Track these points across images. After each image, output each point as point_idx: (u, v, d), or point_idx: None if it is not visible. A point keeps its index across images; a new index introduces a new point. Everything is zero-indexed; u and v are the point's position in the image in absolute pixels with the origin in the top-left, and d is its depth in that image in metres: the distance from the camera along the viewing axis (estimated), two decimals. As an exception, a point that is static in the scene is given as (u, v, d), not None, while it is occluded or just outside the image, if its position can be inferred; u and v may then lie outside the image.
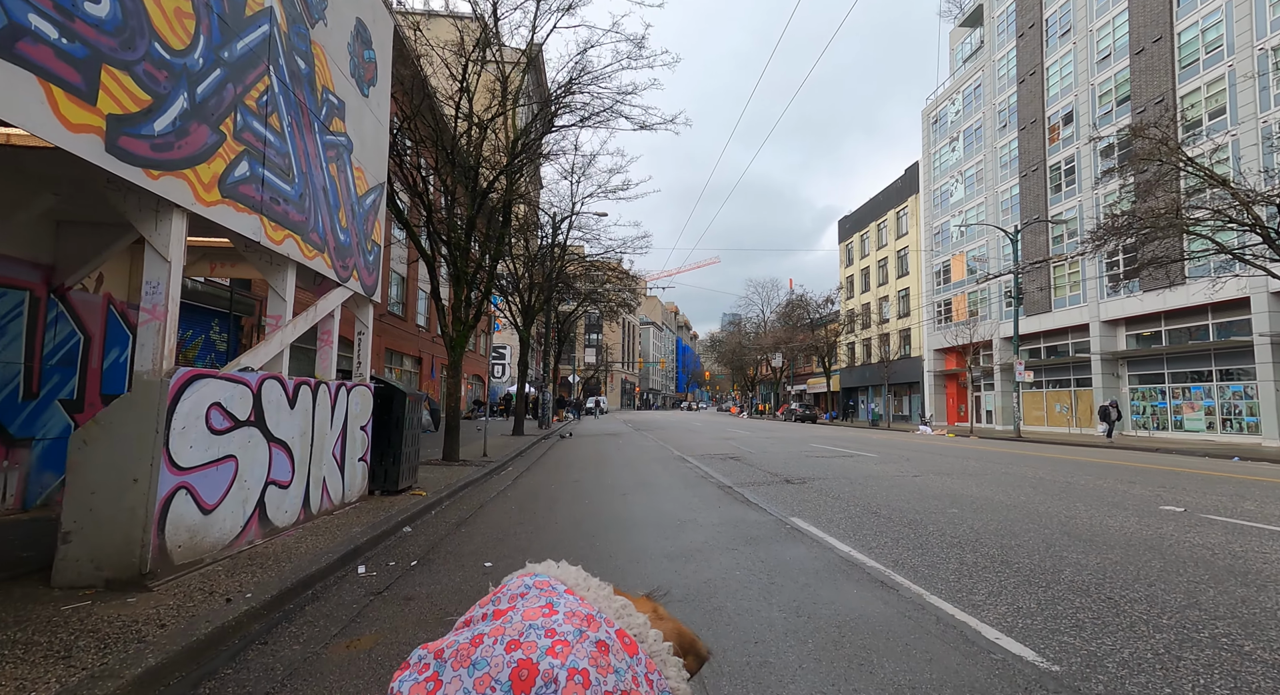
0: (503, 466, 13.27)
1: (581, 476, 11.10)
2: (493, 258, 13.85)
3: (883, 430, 35.53)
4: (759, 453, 15.30)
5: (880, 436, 27.26)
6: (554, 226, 25.40)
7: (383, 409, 8.50)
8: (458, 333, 13.37)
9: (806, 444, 18.69)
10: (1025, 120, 35.08)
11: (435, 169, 12.35)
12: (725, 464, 12.66)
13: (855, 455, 14.52)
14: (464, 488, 9.99)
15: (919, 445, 19.87)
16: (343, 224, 7.09)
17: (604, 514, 7.46)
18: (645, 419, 50.28)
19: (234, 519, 5.14)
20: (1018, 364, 28.56)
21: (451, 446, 13.01)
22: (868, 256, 52.10)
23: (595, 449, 17.94)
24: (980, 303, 38.37)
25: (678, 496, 8.58)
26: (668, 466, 12.47)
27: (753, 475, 10.68)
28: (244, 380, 5.23)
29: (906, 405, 47.12)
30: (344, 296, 7.32)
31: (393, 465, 8.48)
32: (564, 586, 0.64)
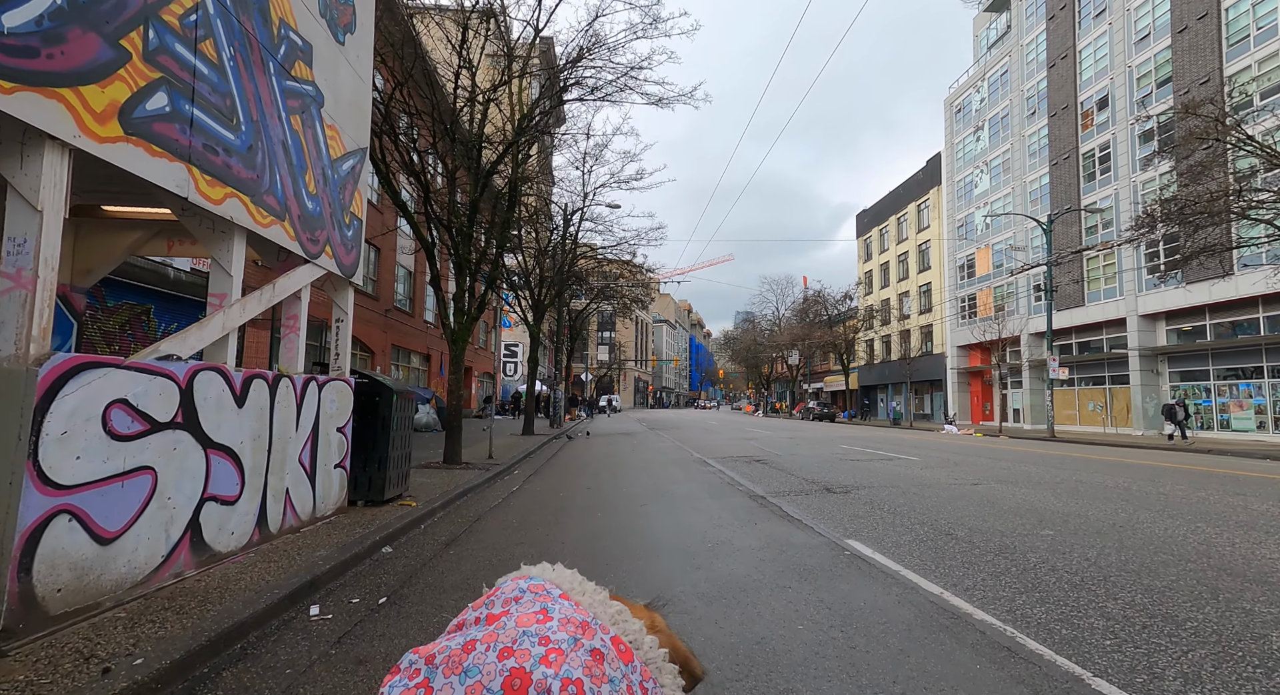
0: (509, 470, 12.15)
1: (593, 482, 9.93)
2: (498, 244, 12.71)
3: (905, 429, 34.04)
4: (785, 455, 14.04)
5: (907, 436, 25.85)
6: (565, 219, 24.26)
7: (367, 408, 7.38)
8: (459, 325, 12.26)
9: (834, 445, 17.38)
10: (1056, 106, 33.38)
11: (433, 145, 11.23)
12: (751, 468, 11.43)
13: (893, 458, 13.20)
14: (462, 495, 8.87)
15: (956, 446, 18.49)
16: (310, 189, 5.97)
17: (619, 531, 6.28)
18: (659, 417, 49.07)
19: (151, 547, 4.02)
20: (1051, 360, 27.01)
21: (453, 448, 11.90)
22: (887, 251, 50.46)
23: (609, 450, 16.78)
24: (1007, 297, 36.72)
25: (704, 508, 7.37)
26: (688, 471, 11.27)
27: (785, 482, 9.45)
28: (166, 371, 4.11)
29: (928, 404, 45.50)
30: (313, 275, 6.20)
31: (378, 472, 7.36)
32: (559, 591, 0.61)
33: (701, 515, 6.96)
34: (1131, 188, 29.00)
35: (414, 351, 26.51)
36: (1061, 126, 33.01)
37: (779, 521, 6.51)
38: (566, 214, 24.12)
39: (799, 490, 8.56)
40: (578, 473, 11.34)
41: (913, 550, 5.22)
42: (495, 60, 12.21)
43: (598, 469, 11.94)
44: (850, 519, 6.59)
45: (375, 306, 22.23)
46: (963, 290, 40.86)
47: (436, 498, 8.20)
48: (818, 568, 4.70)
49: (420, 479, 9.82)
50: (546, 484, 9.97)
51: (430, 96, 10.64)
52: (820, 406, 47.05)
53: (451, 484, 9.48)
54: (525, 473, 11.64)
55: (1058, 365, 27.06)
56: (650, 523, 6.64)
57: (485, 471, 11.22)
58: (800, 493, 8.32)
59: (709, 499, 7.98)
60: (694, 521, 6.62)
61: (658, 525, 6.50)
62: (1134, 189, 28.92)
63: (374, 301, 22.14)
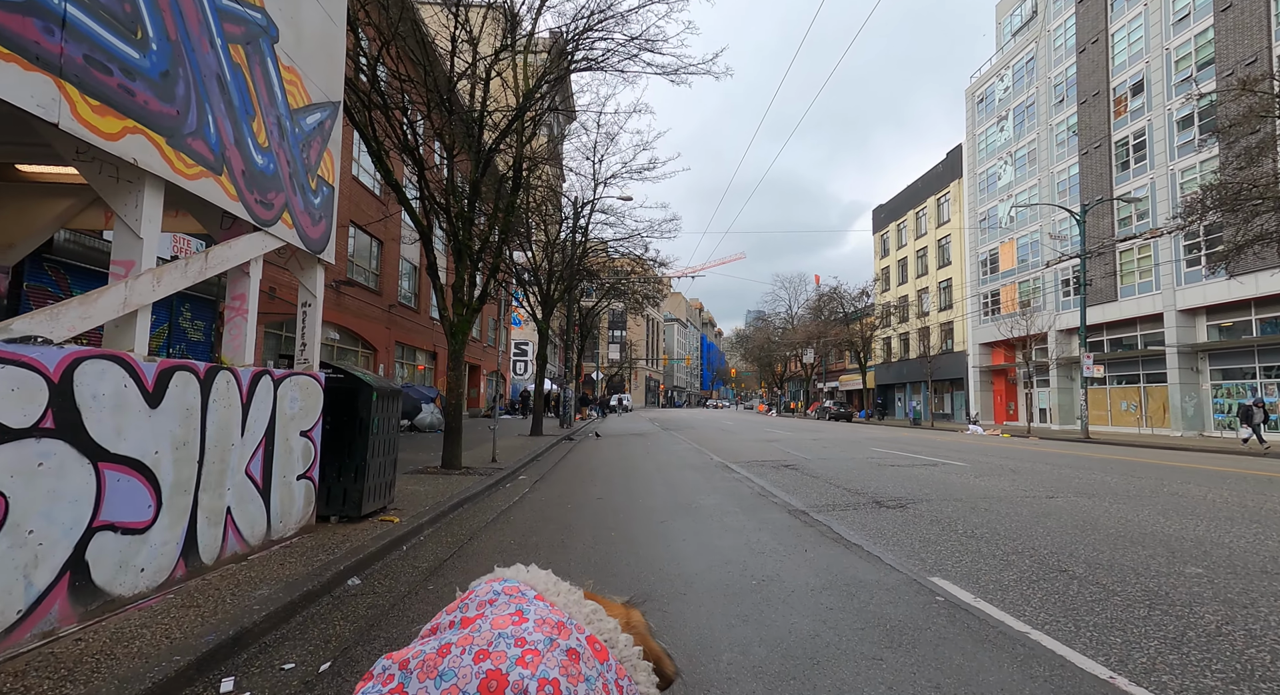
0: (513, 475, 11.01)
1: (605, 491, 8.76)
2: (502, 230, 11.57)
3: (927, 430, 32.59)
4: (815, 459, 12.78)
5: (933, 437, 24.47)
6: (576, 211, 23.11)
7: (342, 408, 6.26)
8: (459, 317, 11.14)
9: (864, 448, 16.08)
10: (1086, 93, 31.80)
11: (427, 115, 10.10)
12: (781, 475, 10.20)
13: (938, 463, 11.88)
14: (457, 507, 7.73)
15: (995, 449, 17.14)
16: (260, 140, 4.83)
17: (637, 560, 5.09)
18: (672, 417, 47.84)
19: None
20: (1085, 357, 25.50)
21: (452, 451, 10.78)
22: (905, 246, 48.90)
23: (621, 452, 15.61)
24: (1034, 292, 35.15)
25: (738, 527, 6.17)
26: (710, 478, 10.06)
27: (825, 493, 8.21)
28: (22, 358, 2.98)
29: (948, 403, 43.94)
30: (265, 246, 5.06)
31: (355, 483, 6.23)
32: (534, 592, 0.61)
33: (736, 537, 5.75)
34: (1169, 176, 27.41)
35: (420, 349, 25.49)
36: (1092, 114, 31.42)
37: (834, 548, 5.29)
38: (577, 207, 22.98)
39: (845, 504, 7.32)
40: (588, 479, 10.18)
41: (1026, 595, 3.97)
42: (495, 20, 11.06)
43: (610, 474, 10.77)
44: (922, 545, 5.35)
45: (378, 302, 21.21)
46: (985, 286, 39.31)
47: (426, 511, 7.06)
48: (907, 623, 3.48)
49: (412, 487, 8.69)
50: (553, 492, 8.81)
51: (423, 61, 9.51)
52: (836, 406, 45.61)
53: (447, 493, 8.35)
54: (530, 479, 10.50)
55: (1092, 363, 25.55)
56: (675, 547, 5.45)
57: (486, 477, 10.08)
58: (848, 507, 7.08)
59: (741, 515, 6.77)
60: (728, 546, 5.42)
61: (684, 551, 5.31)
62: (1172, 178, 27.33)
63: (376, 296, 21.13)
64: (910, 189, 48.29)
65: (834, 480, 9.42)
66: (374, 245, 21.25)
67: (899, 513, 6.70)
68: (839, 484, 9.00)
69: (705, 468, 11.43)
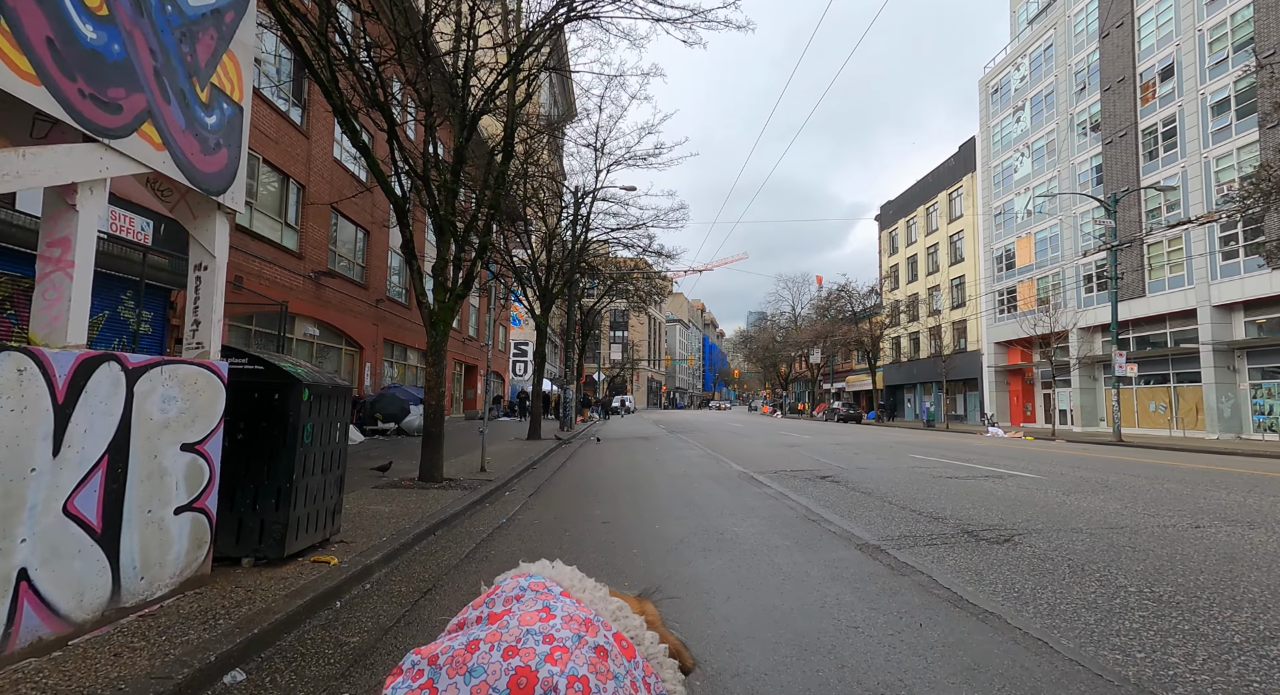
0: (502, 489, 9.30)
1: (611, 512, 7.03)
2: (490, 205, 9.85)
3: (942, 432, 30.85)
4: (852, 469, 11.00)
5: (958, 441, 22.73)
6: (576, 201, 21.39)
7: (261, 411, 4.55)
8: (440, 304, 9.44)
9: (900, 454, 14.27)
10: (1110, 79, 30.09)
11: (396, 55, 8.38)
12: (823, 490, 8.44)
13: (1002, 474, 10.01)
14: (425, 536, 6.02)
15: (1042, 454, 15.39)
16: (94, 6, 3.13)
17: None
18: (677, 419, 46.08)
19: None
20: (1117, 356, 23.76)
21: (432, 461, 9.06)
22: (915, 243, 47.17)
23: (627, 459, 13.88)
24: (1054, 289, 33.41)
25: (798, 575, 4.42)
26: (737, 493, 8.32)
27: (892, 517, 6.39)
28: None
29: (960, 404, 42.17)
30: (104, 169, 3.33)
31: (276, 512, 4.51)
32: (559, 588, 0.60)
33: (801, 592, 4.02)
34: (1203, 164, 25.68)
35: (410, 347, 23.78)
36: (1117, 101, 29.71)
37: (958, 617, 3.53)
38: (578, 197, 21.26)
39: (927, 535, 5.54)
40: (590, 495, 8.45)
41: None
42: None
43: (616, 488, 9.04)
44: (1086, 609, 3.60)
45: (364, 296, 19.52)
46: (1001, 283, 37.58)
47: (383, 543, 5.35)
48: None
49: (374, 508, 6.97)
50: (547, 513, 7.09)
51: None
52: (844, 407, 43.85)
53: (416, 515, 6.63)
54: (522, 494, 8.77)
55: (1125, 361, 23.80)
56: (716, 609, 3.73)
57: (470, 492, 8.37)
58: (934, 541, 5.30)
59: (796, 551, 5.03)
60: (796, 610, 3.69)
61: (731, 618, 3.58)
62: (1206, 166, 25.61)
63: (363, 290, 19.44)
64: (920, 184, 46.58)
65: (891, 498, 7.66)
66: (360, 235, 19.57)
67: (1010, 551, 4.94)
68: (900, 503, 7.24)
69: (727, 479, 9.69)
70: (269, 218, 14.57)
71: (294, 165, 15.19)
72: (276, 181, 14.85)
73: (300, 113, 15.88)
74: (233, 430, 4.48)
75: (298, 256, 15.57)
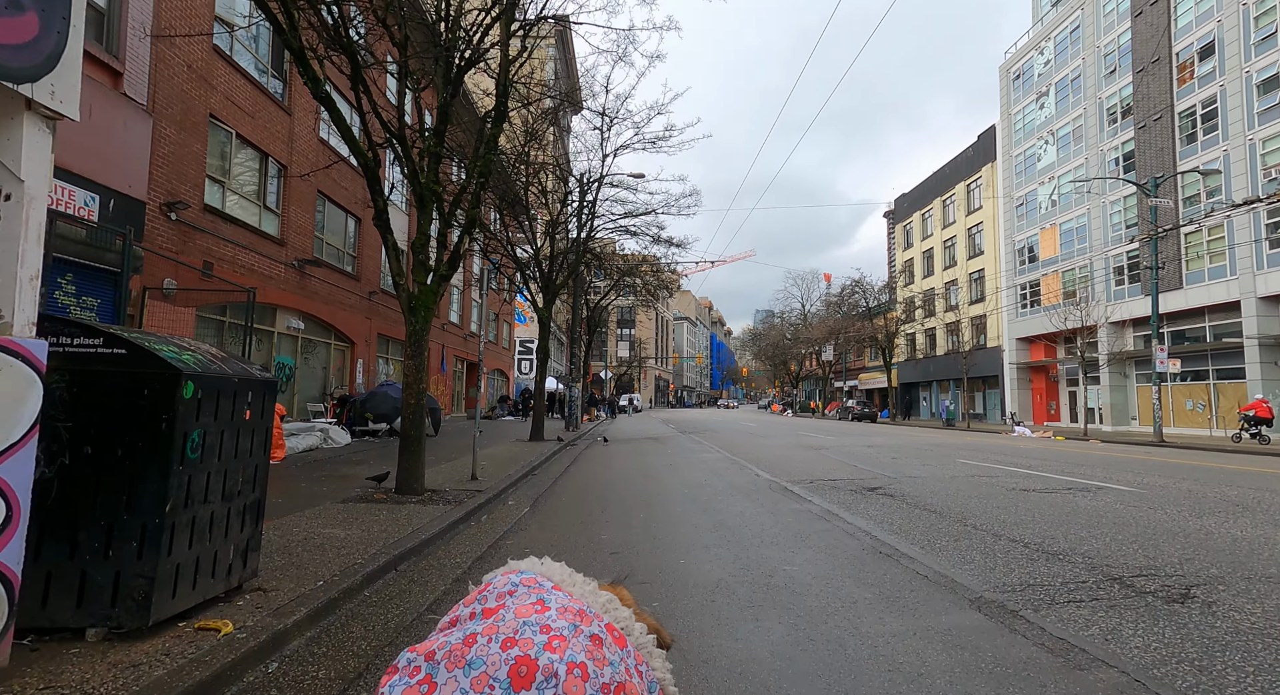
0: (494, 501, 7.90)
1: (621, 538, 5.61)
2: (481, 172, 8.41)
3: (963, 431, 29.24)
4: (900, 477, 9.44)
5: (989, 442, 21.16)
6: (582, 189, 19.92)
7: (116, 415, 3.14)
8: (420, 287, 8.05)
9: (947, 459, 12.67)
10: (1143, 60, 28.34)
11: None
12: (880, 507, 6.92)
13: (1089, 487, 8.25)
14: (382, 574, 4.63)
15: (1096, 458, 13.85)
16: None
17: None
18: (686, 418, 44.60)
19: None
20: (1158, 351, 22.12)
21: (410, 469, 7.67)
22: (931, 237, 45.45)
23: (638, 464, 12.45)
24: (1080, 281, 31.68)
25: (914, 669, 2.92)
26: (776, 512, 6.84)
27: (998, 553, 4.74)
28: None
29: (979, 402, 40.45)
30: None
31: (140, 560, 3.11)
32: (550, 583, 0.60)
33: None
34: (1247, 147, 23.94)
35: (408, 343, 22.42)
36: (1151, 83, 27.96)
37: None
38: (584, 184, 19.79)
39: (1060, 583, 3.92)
40: (595, 512, 7.02)
41: None
42: None
43: (626, 502, 7.61)
44: None
45: (356, 288, 18.18)
46: (1023, 276, 35.87)
47: (318, 590, 3.94)
48: None
49: (327, 532, 5.58)
50: (543, 537, 5.66)
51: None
52: (859, 406, 42.24)
53: (379, 541, 5.23)
54: (516, 509, 7.36)
55: (1167, 357, 22.15)
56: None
57: (454, 507, 6.97)
58: (1080, 596, 3.65)
59: (887, 611, 3.50)
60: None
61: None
62: (1251, 148, 23.88)
63: (354, 282, 18.10)
64: (937, 175, 44.84)
65: (972, 519, 6.11)
66: (351, 223, 18.21)
67: (1206, 618, 3.32)
68: (990, 529, 5.65)
69: (757, 491, 8.23)
70: (244, 199, 13.22)
71: (274, 144, 13.83)
72: (253, 160, 13.50)
73: (282, 88, 14.53)
74: (77, 442, 3.08)
75: (279, 243, 14.21)
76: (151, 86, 10.43)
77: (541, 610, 0.55)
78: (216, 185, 12.27)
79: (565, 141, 25.50)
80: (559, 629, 0.53)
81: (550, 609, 0.56)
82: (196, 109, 11.44)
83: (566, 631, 0.53)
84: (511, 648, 0.51)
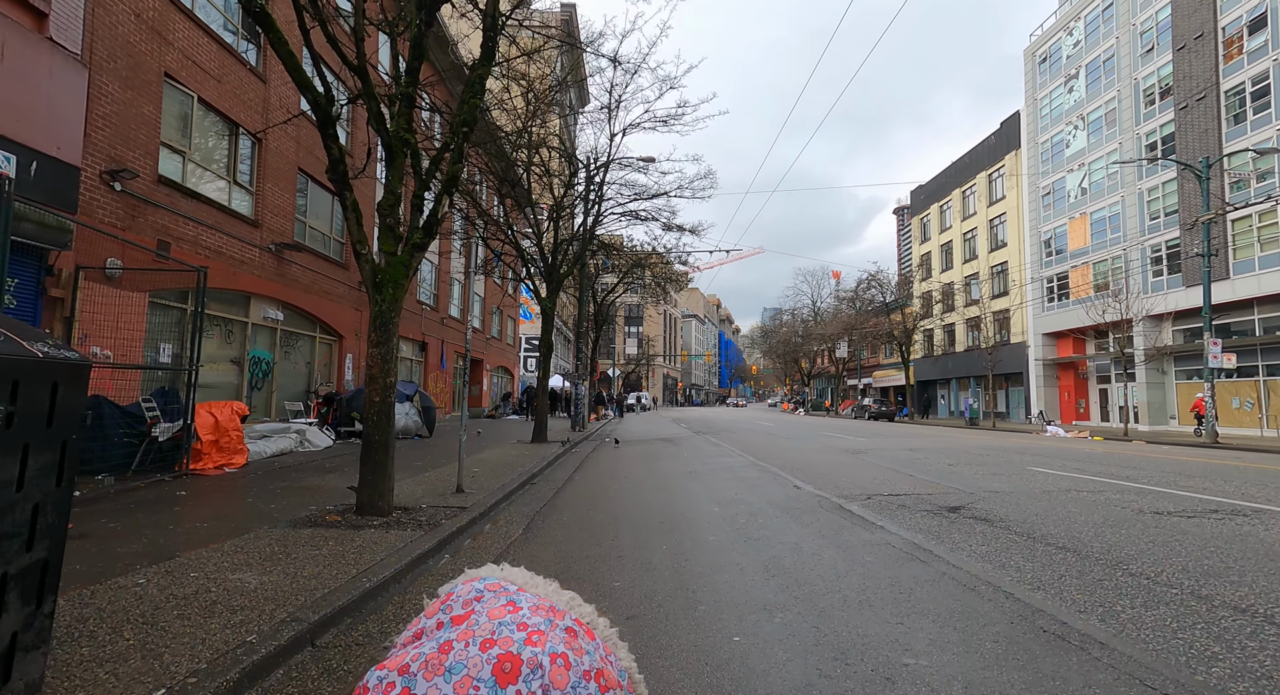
0: (478, 522, 6.33)
1: (640, 591, 4.00)
2: (465, 122, 6.79)
3: (989, 431, 27.45)
4: (979, 493, 7.66)
5: (1029, 443, 19.40)
6: (589, 174, 18.27)
7: None
8: (388, 259, 6.49)
9: (1017, 466, 10.85)
10: (1185, 37, 26.41)
11: None
12: (984, 540, 5.12)
13: (1238, 510, 6.14)
14: (285, 656, 3.04)
15: (1185, 464, 12.11)
16: None
17: None
18: (697, 417, 42.94)
19: None
20: (1212, 344, 20.27)
21: (373, 484, 6.11)
22: (950, 229, 43.53)
23: (652, 472, 10.84)
24: (1113, 273, 29.78)
25: None
26: (844, 546, 5.13)
27: (1212, 623, 3.25)
28: None
29: (1002, 400, 38.53)
30: None
31: None
32: (515, 586, 0.60)
33: None
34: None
35: (403, 338, 20.90)
36: (1194, 60, 26.03)
37: None
38: (590, 167, 18.14)
39: None
40: (605, 542, 5.42)
41: None
42: None
43: (643, 528, 6.00)
44: None
45: (344, 277, 16.65)
46: (1049, 269, 33.96)
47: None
48: None
49: (236, 578, 4.02)
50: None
51: None
52: (877, 404, 40.42)
53: (297, 598, 3.65)
54: (501, 537, 5.77)
55: (1221, 351, 20.28)
56: None
57: (425, 533, 5.39)
58: None
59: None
60: None
61: None
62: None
63: (343, 271, 16.57)
64: (956, 165, 42.91)
65: (1147, 570, 4.23)
66: (338, 206, 16.65)
67: None
68: (1193, 589, 3.87)
69: (805, 511, 6.58)
70: (210, 173, 11.69)
71: (245, 113, 12.29)
72: (221, 129, 11.97)
73: (257, 54, 13.00)
74: None
75: (252, 224, 12.70)
76: (88, 34, 8.90)
77: (514, 610, 0.54)
78: (175, 155, 10.75)
79: (571, 131, 23.91)
80: (535, 625, 0.52)
81: (523, 608, 0.55)
82: (147, 65, 9.91)
83: (544, 626, 0.53)
84: (491, 647, 0.50)
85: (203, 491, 7.24)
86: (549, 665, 0.49)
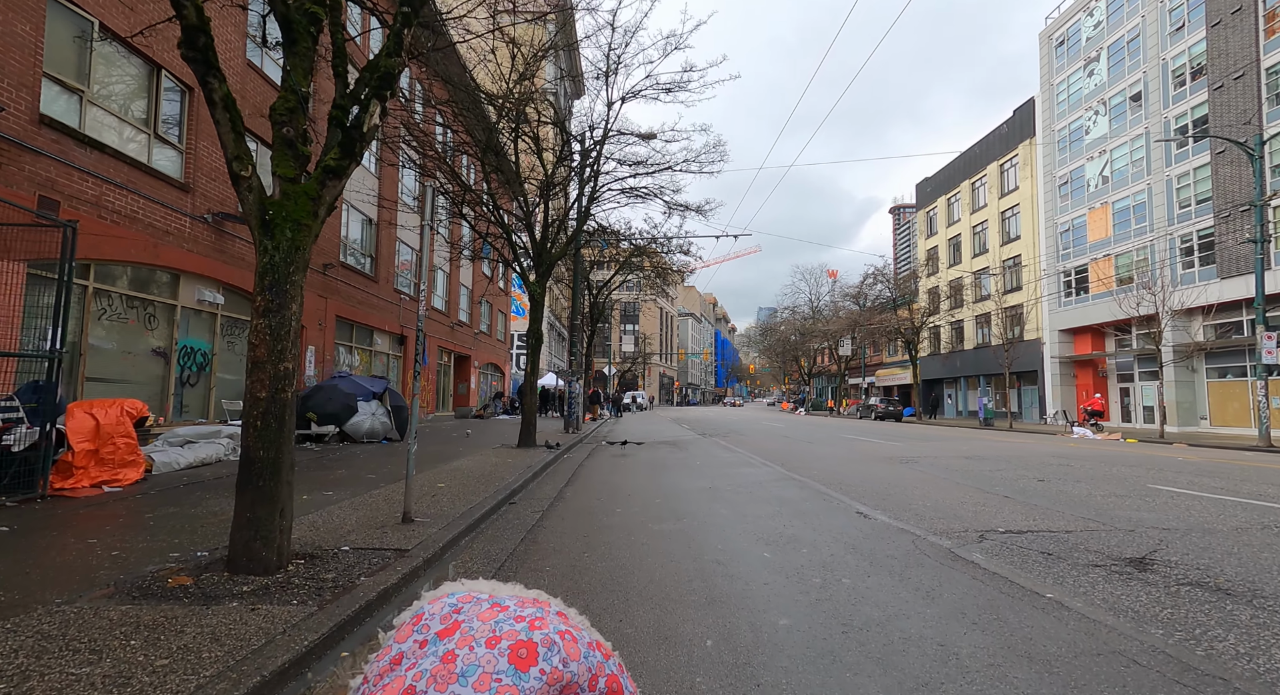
0: (416, 578, 4.18)
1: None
2: (413, 7, 4.63)
3: (1006, 432, 25.47)
4: (1141, 528, 5.19)
5: (1064, 447, 17.39)
6: (584, 148, 16.08)
7: None
8: (283, 188, 4.31)
9: (1130, 482, 8.74)
10: (1220, 12, 24.48)
11: None
12: (1254, 634, 3.19)
13: None
14: None
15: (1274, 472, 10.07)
16: None
17: None
18: (698, 417, 40.83)
19: None
20: (1265, 338, 18.33)
21: (256, 524, 3.92)
22: (959, 222, 41.59)
23: (663, 487, 8.71)
24: (1138, 265, 27.85)
25: None
26: (1030, 655, 3.10)
27: None
28: None
29: (1015, 400, 36.55)
30: None
31: None
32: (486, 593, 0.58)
33: None
34: (1358, 102, 20.09)
35: (377, 329, 18.67)
36: (1229, 38, 24.10)
37: None
38: (585, 144, 15.94)
39: None
40: (611, 619, 3.34)
41: None
42: None
43: (666, 590, 3.90)
44: None
45: (306, 258, 14.44)
46: (1067, 261, 32.02)
47: None
48: None
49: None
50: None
51: None
52: (883, 404, 38.43)
53: None
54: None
55: (1276, 345, 18.33)
56: None
57: (321, 609, 3.22)
58: None
59: None
60: None
61: None
62: (1362, 104, 20.02)
63: (304, 251, 14.36)
64: (966, 156, 40.97)
65: None
66: (298, 177, 14.43)
67: None
68: None
69: (905, 562, 4.39)
70: (121, 121, 9.47)
71: (168, 52, 10.04)
72: (135, 69, 9.75)
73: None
74: None
75: (181, 188, 10.49)
76: (-76, -85, 6.70)
77: (504, 609, 0.53)
78: (67, 93, 8.54)
79: (567, 103, 21.78)
80: (531, 615, 0.52)
81: (510, 607, 0.54)
82: (20, -29, 7.70)
83: (539, 613, 0.53)
84: (499, 642, 0.49)
85: (40, 525, 5.06)
86: (560, 642, 0.50)
